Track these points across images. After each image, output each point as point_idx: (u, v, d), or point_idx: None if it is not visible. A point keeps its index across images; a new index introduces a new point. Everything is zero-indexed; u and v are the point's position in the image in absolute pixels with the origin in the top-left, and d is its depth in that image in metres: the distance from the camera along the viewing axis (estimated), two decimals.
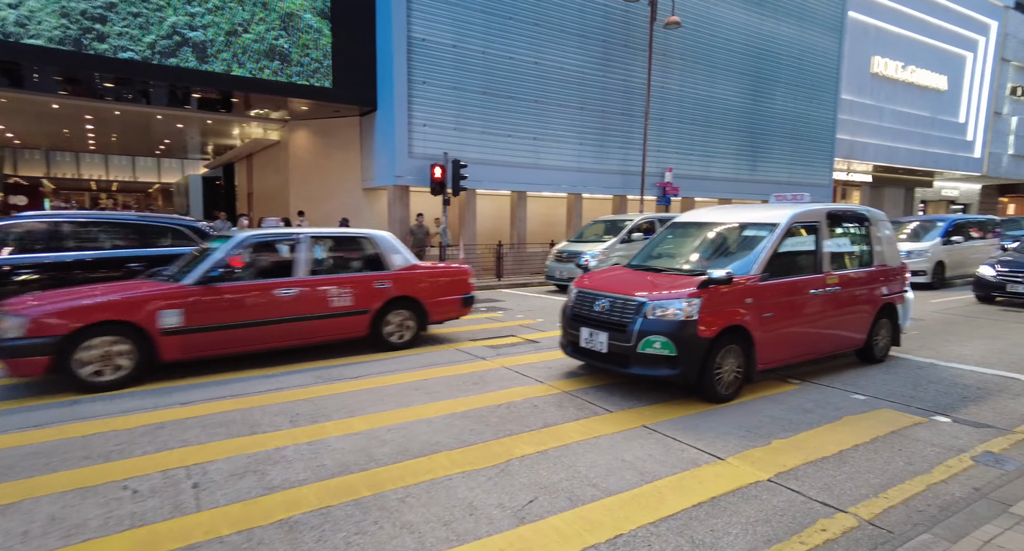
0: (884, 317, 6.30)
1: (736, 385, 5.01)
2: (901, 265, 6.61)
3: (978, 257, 13.90)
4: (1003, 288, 10.51)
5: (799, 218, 5.54)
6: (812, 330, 5.53)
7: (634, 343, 4.79)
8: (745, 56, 20.48)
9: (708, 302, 4.72)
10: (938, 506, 3.21)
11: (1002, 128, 33.23)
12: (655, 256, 6.19)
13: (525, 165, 15.98)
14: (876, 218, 6.44)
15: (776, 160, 22.10)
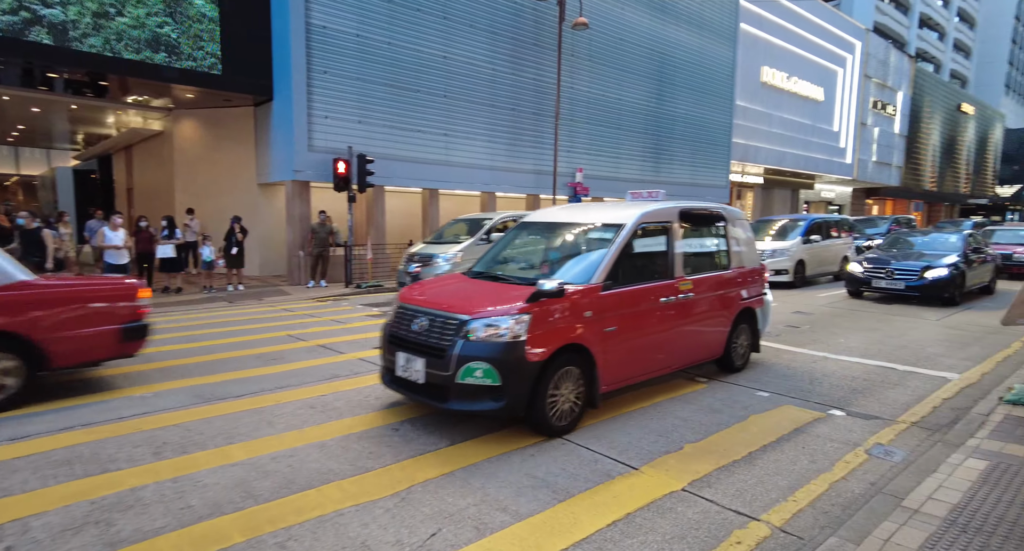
0: (743, 323, 5.92)
1: (574, 414, 4.29)
2: (759, 267, 6.27)
3: (835, 255, 14.64)
4: (869, 283, 11.07)
5: (648, 218, 5.00)
6: (664, 342, 5.03)
7: (453, 371, 3.92)
8: (650, 61, 21.20)
9: (539, 318, 4.01)
10: (841, 505, 3.23)
11: (867, 137, 36.98)
12: (500, 261, 5.42)
13: (435, 162, 15.52)
14: (733, 217, 6.05)
15: (679, 162, 23.10)
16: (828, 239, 14.57)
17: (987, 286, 12.37)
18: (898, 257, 11.23)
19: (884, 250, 12.28)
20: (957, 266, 10.52)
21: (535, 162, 18.07)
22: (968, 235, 12.13)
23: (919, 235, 13.16)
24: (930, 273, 10.40)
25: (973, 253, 11.49)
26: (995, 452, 3.79)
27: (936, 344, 7.36)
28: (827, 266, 14.40)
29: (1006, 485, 3.32)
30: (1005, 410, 4.58)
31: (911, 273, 10.58)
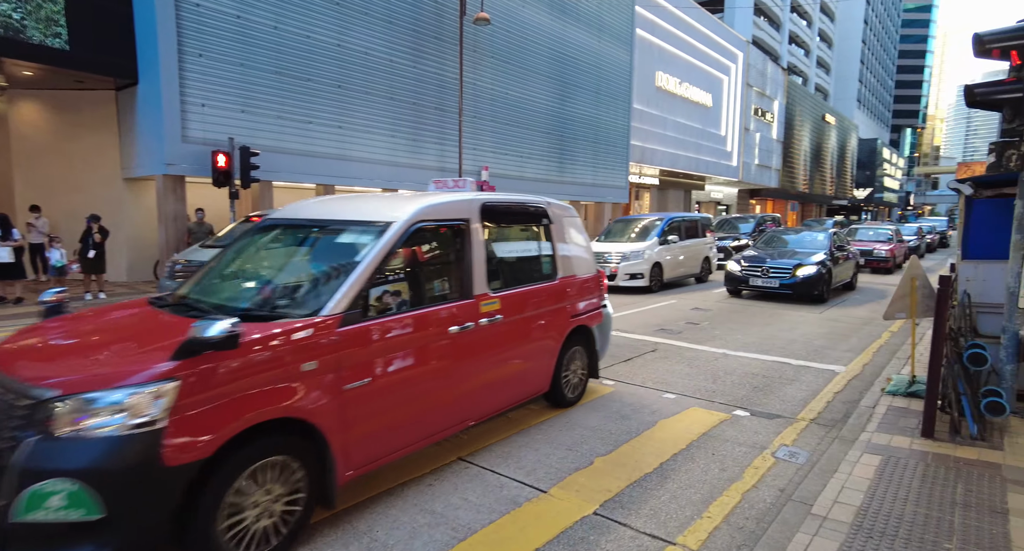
0: (576, 345, 4.80)
1: (286, 532, 2.69)
2: (595, 274, 5.14)
3: (695, 257, 13.84)
4: (747, 282, 11.05)
5: (429, 215, 3.54)
6: (457, 389, 3.58)
7: (8, 500, 2.14)
8: (552, 61, 21.34)
9: (195, 386, 2.36)
10: (755, 518, 3.11)
11: (750, 142, 39.98)
12: (221, 278, 3.70)
13: (329, 156, 14.54)
14: (559, 214, 4.81)
15: (581, 163, 23.51)
16: (689, 239, 13.81)
17: (850, 282, 12.85)
18: (774, 255, 11.32)
19: (761, 248, 12.41)
20: (824, 264, 10.76)
21: (439, 159, 17.54)
22: (833, 233, 12.38)
23: (792, 233, 13.22)
24: (801, 271, 10.57)
25: (838, 251, 11.79)
26: (885, 446, 3.89)
27: (821, 337, 7.79)
28: (687, 268, 13.68)
29: (898, 481, 3.37)
30: (887, 401, 4.79)
31: (784, 271, 10.71)
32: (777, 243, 12.68)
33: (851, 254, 12.94)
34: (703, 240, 14.55)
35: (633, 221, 13.96)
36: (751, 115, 39.67)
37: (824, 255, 11.03)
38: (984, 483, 3.32)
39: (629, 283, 11.82)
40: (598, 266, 5.35)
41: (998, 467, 3.52)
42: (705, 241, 14.65)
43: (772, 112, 43.21)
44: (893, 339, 7.68)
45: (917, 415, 4.41)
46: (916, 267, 5.00)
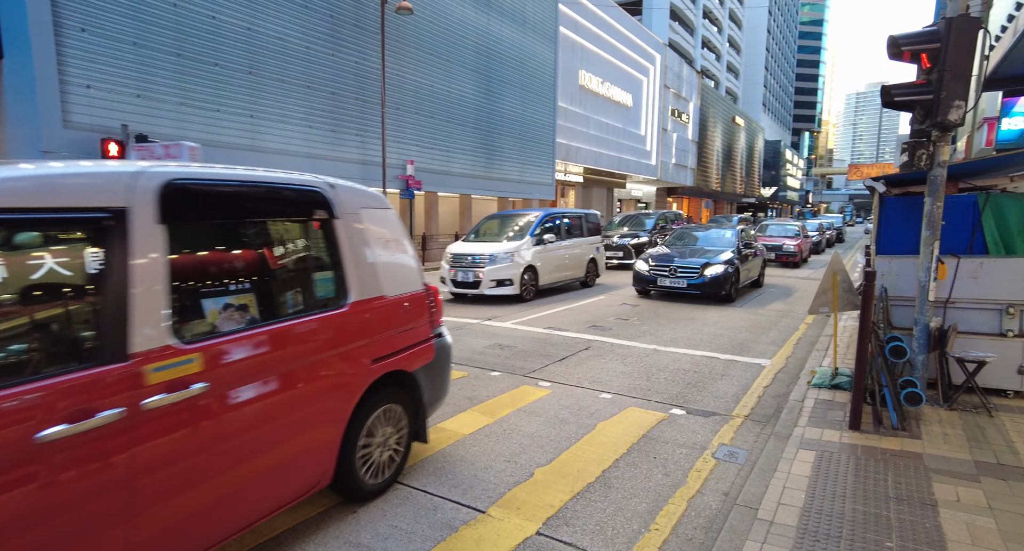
0: (385, 402, 3.22)
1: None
2: (420, 291, 3.55)
3: (579, 259, 12.34)
4: (655, 282, 10.47)
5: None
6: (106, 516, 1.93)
7: None
8: (477, 55, 21.02)
9: None
10: (703, 527, 3.00)
11: (668, 142, 41.57)
12: None
13: (240, 147, 13.49)
14: (349, 201, 3.13)
15: (508, 159, 23.39)
16: (570, 239, 12.18)
17: (757, 280, 12.61)
18: (683, 254, 10.89)
19: (670, 246, 12.01)
20: (732, 262, 10.41)
21: (361, 152, 16.78)
22: (740, 230, 12.05)
23: (700, 230, 12.66)
24: (709, 270, 10.16)
25: (745, 248, 11.52)
26: (817, 440, 3.94)
27: (744, 331, 8.03)
28: (569, 271, 12.06)
29: (834, 477, 3.39)
30: (813, 394, 4.92)
31: (692, 271, 10.26)
32: (687, 240, 12.31)
33: (758, 251, 12.72)
34: (587, 240, 12.90)
35: (509, 218, 12.09)
36: (668, 116, 41.23)
37: (732, 253, 10.75)
38: (911, 474, 3.41)
39: (496, 291, 10.16)
40: (460, 273, 3.81)
41: (920, 457, 3.64)
42: (590, 241, 13.00)
43: (688, 113, 45.15)
44: (810, 331, 8.05)
45: (842, 407, 4.53)
46: (837, 263, 5.16)
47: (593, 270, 13.01)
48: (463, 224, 21.71)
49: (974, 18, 4.44)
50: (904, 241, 5.12)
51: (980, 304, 4.69)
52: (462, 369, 5.89)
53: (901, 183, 5.48)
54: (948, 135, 4.50)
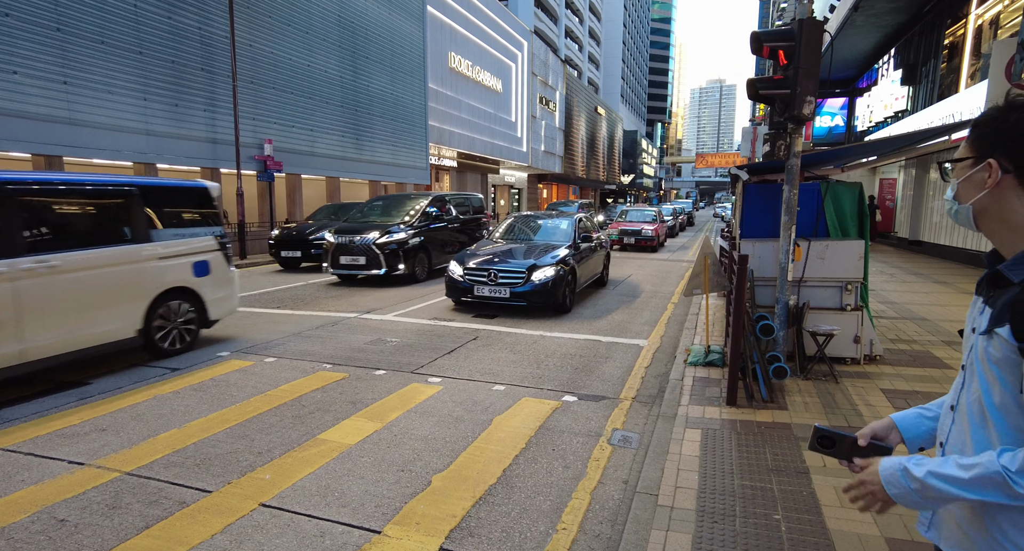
0: None
1: None
2: None
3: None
4: (472, 290, 8.03)
5: None
6: None
7: None
8: (340, 28, 19.69)
9: None
10: (608, 521, 2.97)
11: (537, 129, 42.58)
12: None
13: (51, 119, 11.34)
14: None
15: (379, 141, 22.35)
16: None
17: (600, 277, 10.58)
18: (506, 255, 8.45)
19: (495, 243, 9.41)
20: (567, 261, 8.23)
21: (210, 129, 14.96)
22: (578, 220, 9.87)
23: (533, 220, 10.32)
24: (537, 274, 7.86)
25: (583, 241, 9.30)
26: (700, 418, 4.13)
27: (620, 312, 8.37)
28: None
29: (721, 454, 3.56)
30: (691, 372, 5.20)
31: (516, 276, 7.91)
32: (518, 233, 9.97)
33: (600, 243, 10.51)
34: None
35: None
36: (537, 103, 42.16)
37: (567, 250, 8.53)
38: (784, 445, 3.68)
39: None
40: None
41: (789, 427, 3.96)
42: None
43: (555, 102, 46.54)
44: (677, 310, 8.61)
45: (718, 383, 4.83)
46: (708, 247, 5.47)
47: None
48: None
49: (820, 21, 4.87)
50: (763, 225, 5.56)
51: (826, 282, 5.24)
52: (342, 370, 5.42)
53: (760, 171, 5.95)
54: (801, 128, 4.91)
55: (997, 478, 0.98)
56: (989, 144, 1.09)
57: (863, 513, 1.86)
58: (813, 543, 2.61)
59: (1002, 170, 1.07)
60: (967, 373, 1.15)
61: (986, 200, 1.11)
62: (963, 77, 13.84)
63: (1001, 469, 0.98)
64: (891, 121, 18.20)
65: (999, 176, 1.08)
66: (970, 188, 1.13)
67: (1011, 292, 1.05)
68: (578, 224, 9.72)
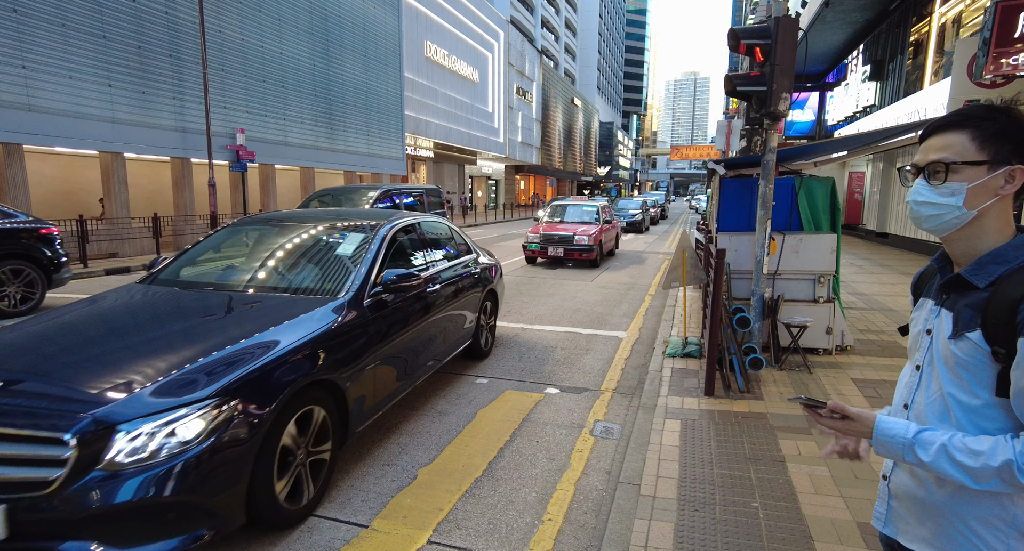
0: None
1: None
2: None
3: None
4: None
5: None
6: None
7: None
8: (312, 15, 19.28)
9: None
10: (593, 511, 3.03)
11: (514, 120, 42.45)
12: None
13: (12, 105, 10.90)
14: None
15: (354, 130, 22.03)
16: None
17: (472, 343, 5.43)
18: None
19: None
20: (315, 349, 2.98)
21: (179, 118, 14.55)
22: (384, 239, 4.01)
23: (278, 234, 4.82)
24: None
25: (396, 287, 3.63)
26: (679, 409, 4.23)
27: (599, 304, 8.46)
28: None
29: (700, 444, 3.65)
30: (669, 364, 5.30)
31: None
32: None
33: (463, 273, 5.10)
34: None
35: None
36: (514, 94, 42.00)
37: (326, 326, 3.09)
38: (761, 434, 3.79)
39: None
40: None
41: (765, 417, 4.07)
42: None
43: (531, 92, 46.42)
44: (655, 302, 8.74)
45: (696, 374, 4.93)
46: (686, 240, 5.57)
47: None
48: None
49: (796, 19, 4.96)
50: (739, 219, 5.67)
51: (799, 275, 5.38)
52: None
53: (736, 166, 6.06)
54: (778, 123, 5.02)
55: (1005, 468, 0.97)
56: (1008, 149, 1.04)
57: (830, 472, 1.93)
58: (789, 529, 2.71)
59: None
60: (924, 374, 1.15)
61: (990, 206, 1.06)
62: (927, 74, 14.25)
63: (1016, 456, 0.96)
64: (860, 115, 18.66)
65: (1021, 184, 1.05)
66: (981, 194, 1.06)
67: (977, 296, 1.05)
68: (385, 245, 4.01)
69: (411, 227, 4.54)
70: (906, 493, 1.18)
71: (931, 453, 1.03)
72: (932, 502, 1.12)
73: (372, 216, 4.46)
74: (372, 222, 4.19)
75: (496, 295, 5.90)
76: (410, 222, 4.55)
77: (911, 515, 1.17)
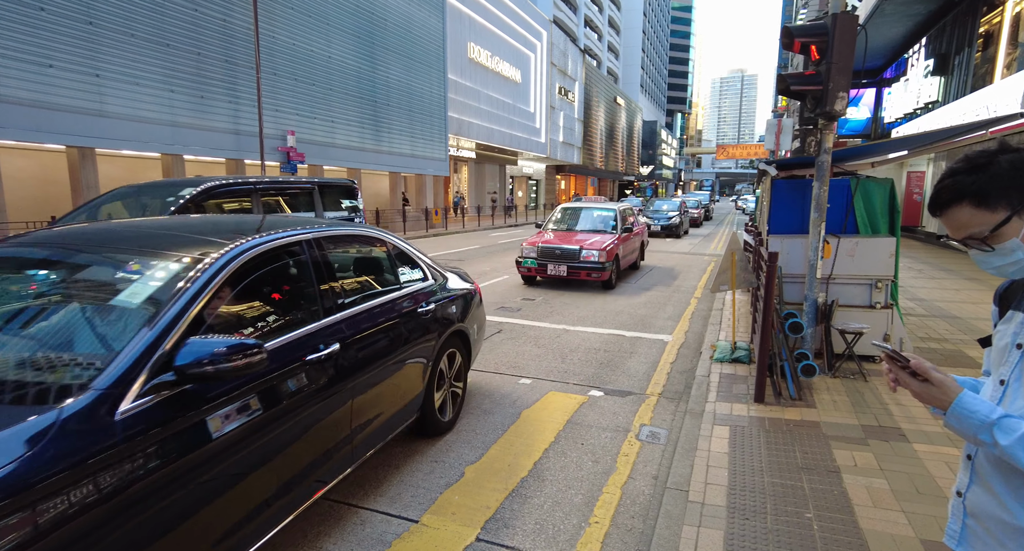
0: None
1: None
2: None
3: None
4: None
5: None
6: None
7: None
8: (359, 19, 19.73)
9: None
10: (640, 516, 3.02)
11: (556, 120, 42.34)
12: None
13: (82, 110, 11.58)
14: None
15: (398, 132, 22.43)
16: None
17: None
18: None
19: None
20: None
21: (233, 120, 15.16)
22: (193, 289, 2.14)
23: None
24: None
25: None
26: (728, 415, 4.15)
27: (642, 306, 8.37)
28: None
29: (750, 451, 3.58)
30: (717, 369, 5.20)
31: None
32: None
33: (402, 312, 3.36)
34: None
35: None
36: (556, 94, 41.89)
37: None
38: (813, 443, 3.69)
39: None
40: None
41: (818, 425, 3.96)
42: None
43: (573, 92, 46.19)
44: (700, 305, 8.58)
45: (744, 380, 4.83)
46: (736, 242, 5.45)
47: None
48: None
49: (855, 15, 4.78)
50: (791, 221, 5.51)
51: (855, 279, 5.19)
52: None
53: (788, 167, 5.89)
54: (833, 123, 4.85)
55: None
56: (1015, 193, 1.05)
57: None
58: (846, 542, 2.63)
59: None
60: (1010, 389, 1.12)
61: None
62: (998, 68, 13.47)
63: None
64: (921, 112, 17.79)
65: None
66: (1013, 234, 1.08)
67: None
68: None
69: (291, 248, 2.71)
70: (985, 512, 1.14)
71: (1013, 438, 1.01)
72: (1018, 524, 1.08)
73: (214, 231, 2.67)
74: (197, 251, 2.32)
75: (467, 337, 4.18)
76: (288, 241, 2.70)
77: (990, 535, 1.13)
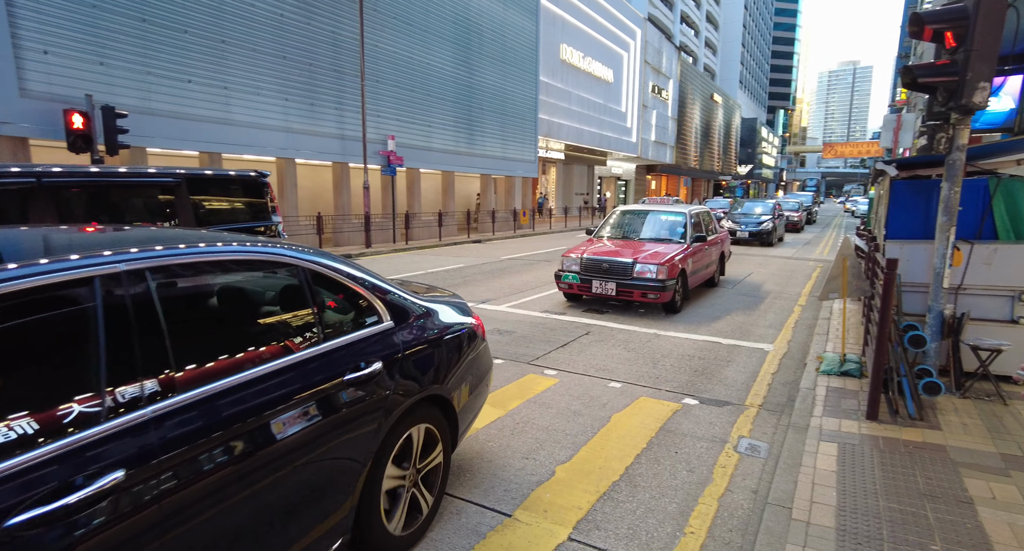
0: None
1: None
2: None
3: None
4: None
5: None
6: None
7: None
8: (455, 25, 20.34)
9: None
10: (739, 530, 2.90)
11: (648, 119, 41.33)
12: None
13: (213, 120, 12.84)
14: None
15: (490, 135, 22.90)
16: None
17: None
18: None
19: None
20: None
21: (339, 126, 16.17)
22: None
23: None
24: None
25: None
26: (836, 432, 3.88)
27: (739, 312, 7.99)
28: None
29: (862, 472, 3.33)
30: (823, 382, 4.87)
31: None
32: None
33: (329, 379, 2.22)
34: None
35: None
36: (649, 92, 40.89)
37: None
38: (939, 468, 3.36)
39: None
40: None
41: (944, 449, 3.60)
42: None
43: (667, 90, 44.87)
44: (805, 313, 8.06)
45: (855, 395, 4.49)
46: (847, 247, 5.08)
47: None
48: (446, 202, 21.29)
49: None
50: (913, 225, 5.05)
51: (992, 291, 4.66)
52: None
53: (910, 166, 5.40)
54: (968, 118, 4.39)
55: None
56: None
57: None
58: None
59: None
60: None
61: None
62: None
63: None
64: None
65: None
66: None
67: None
68: None
69: (64, 292, 1.53)
70: None
71: None
72: None
73: None
74: None
75: (452, 405, 2.93)
76: (61, 279, 1.52)
77: None
